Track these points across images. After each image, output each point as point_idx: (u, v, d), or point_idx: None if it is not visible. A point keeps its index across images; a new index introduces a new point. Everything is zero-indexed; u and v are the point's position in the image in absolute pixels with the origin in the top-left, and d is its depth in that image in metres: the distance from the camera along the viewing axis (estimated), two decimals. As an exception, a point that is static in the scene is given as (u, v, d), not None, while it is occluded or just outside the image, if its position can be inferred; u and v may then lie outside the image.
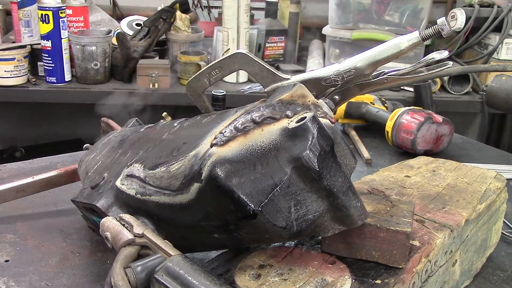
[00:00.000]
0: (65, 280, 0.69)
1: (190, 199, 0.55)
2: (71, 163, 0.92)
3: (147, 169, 0.62)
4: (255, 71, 0.69)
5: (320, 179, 0.52)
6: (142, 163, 0.64)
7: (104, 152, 0.78)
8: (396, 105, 1.47)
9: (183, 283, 0.49)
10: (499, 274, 0.77)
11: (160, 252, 0.54)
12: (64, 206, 0.89)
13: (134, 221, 0.58)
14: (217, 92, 1.17)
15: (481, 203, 0.72)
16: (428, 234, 0.62)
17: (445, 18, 0.64)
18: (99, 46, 2.02)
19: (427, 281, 0.61)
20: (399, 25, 2.31)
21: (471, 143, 1.40)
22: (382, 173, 0.81)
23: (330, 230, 0.55)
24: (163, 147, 0.65)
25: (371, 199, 0.65)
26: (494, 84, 1.40)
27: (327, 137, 0.53)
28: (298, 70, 2.28)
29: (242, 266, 0.57)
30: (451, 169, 0.83)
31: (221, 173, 0.52)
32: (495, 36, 2.22)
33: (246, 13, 2.09)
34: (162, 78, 2.05)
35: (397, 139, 1.22)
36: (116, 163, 0.72)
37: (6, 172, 1.03)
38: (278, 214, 0.52)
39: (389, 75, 0.68)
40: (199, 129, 0.62)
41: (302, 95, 0.60)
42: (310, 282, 0.54)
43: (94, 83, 2.08)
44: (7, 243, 0.77)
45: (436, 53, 0.66)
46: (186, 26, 2.25)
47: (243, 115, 0.57)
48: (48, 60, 2.00)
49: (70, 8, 2.07)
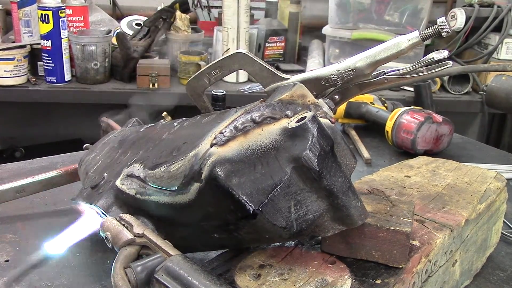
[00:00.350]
0: (65, 280, 0.69)
1: (190, 199, 0.55)
2: (71, 163, 0.92)
3: (147, 169, 0.62)
4: (255, 71, 0.69)
5: (320, 179, 0.52)
6: (142, 163, 0.64)
7: (104, 152, 0.78)
8: (396, 105, 1.47)
9: (183, 283, 0.49)
10: (499, 274, 0.77)
11: (160, 252, 0.54)
12: (64, 206, 0.89)
13: (134, 221, 0.58)
14: (217, 92, 1.17)
15: (481, 203, 0.72)
16: (428, 234, 0.62)
17: (445, 18, 0.64)
18: (99, 46, 2.02)
19: (427, 281, 0.61)
20: (399, 25, 2.31)
21: (471, 143, 1.40)
22: (382, 173, 0.81)
23: (330, 230, 0.55)
24: (163, 147, 0.65)
25: (371, 199, 0.65)
26: (494, 84, 1.40)
27: (327, 137, 0.53)
28: (298, 70, 2.28)
29: (242, 266, 0.57)
30: (451, 169, 0.83)
31: (221, 173, 0.52)
32: (495, 36, 2.22)
33: (246, 13, 2.09)
34: (162, 78, 2.05)
35: (397, 139, 1.22)
36: (116, 163, 0.72)
37: (6, 172, 1.03)
38: (278, 214, 0.52)
39: (389, 75, 0.68)
40: (199, 129, 0.62)
41: (302, 95, 0.60)
42: (310, 282, 0.54)
43: (94, 83, 2.08)
44: (7, 243, 0.77)
45: (436, 53, 0.66)
46: (186, 26, 2.25)
47: (243, 115, 0.57)
48: (48, 60, 2.00)
49: (70, 8, 2.07)
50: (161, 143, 0.67)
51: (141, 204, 0.62)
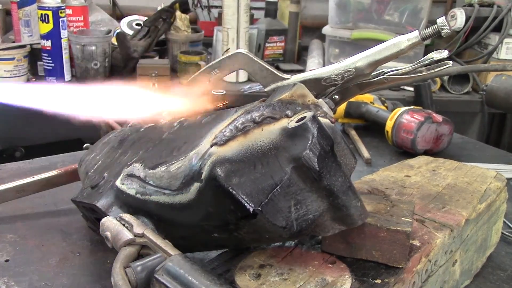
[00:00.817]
0: (65, 280, 0.69)
1: (190, 198, 0.55)
2: (71, 163, 0.92)
3: (147, 169, 0.62)
4: (255, 71, 0.69)
5: (320, 178, 0.52)
6: (142, 162, 0.64)
7: (104, 152, 0.78)
8: (396, 105, 1.47)
9: (183, 282, 0.49)
10: (499, 274, 0.77)
11: (160, 251, 0.54)
12: (64, 206, 0.89)
13: (134, 220, 0.58)
14: (217, 92, 1.17)
15: (481, 202, 0.72)
16: (428, 234, 0.62)
17: (445, 18, 0.64)
18: (99, 46, 2.02)
19: (427, 280, 0.61)
20: (399, 24, 2.31)
21: (471, 142, 1.40)
22: (382, 173, 0.81)
23: (330, 229, 0.55)
24: (163, 146, 0.65)
25: (371, 199, 0.65)
26: (494, 83, 1.40)
27: (327, 137, 0.53)
28: (298, 69, 2.28)
29: (242, 266, 0.57)
30: (451, 168, 0.83)
31: (221, 172, 0.52)
32: (495, 36, 2.22)
33: (246, 13, 2.09)
34: (162, 78, 2.05)
35: (397, 139, 1.22)
36: (116, 162, 0.72)
37: (6, 172, 1.03)
38: (278, 214, 0.52)
39: (389, 75, 0.68)
40: (199, 129, 0.62)
41: (302, 95, 0.60)
42: (310, 281, 0.54)
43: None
44: (7, 243, 0.77)
45: (436, 52, 0.66)
46: (186, 26, 2.25)
47: (243, 114, 0.57)
48: (47, 60, 2.00)
49: (70, 8, 2.07)
50: (161, 143, 0.67)
51: (141, 204, 0.62)
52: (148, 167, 0.62)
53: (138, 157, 0.67)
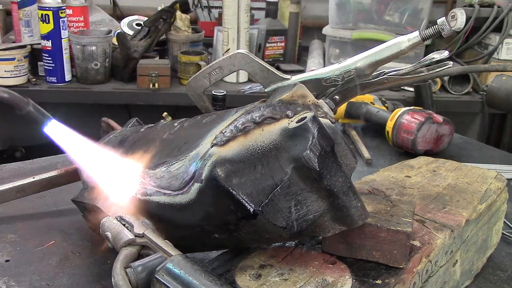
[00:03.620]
0: (65, 280, 0.69)
1: (190, 199, 0.55)
2: (71, 163, 0.92)
3: (147, 169, 0.62)
4: (255, 71, 0.69)
5: (320, 179, 0.52)
6: (142, 163, 0.64)
7: (104, 152, 0.78)
8: (396, 105, 1.47)
9: (183, 283, 0.49)
10: (500, 274, 0.77)
11: (161, 252, 0.54)
12: (64, 206, 0.89)
13: (135, 221, 0.58)
14: (217, 92, 1.17)
15: (481, 203, 0.71)
16: (429, 234, 0.62)
17: (445, 18, 0.64)
18: (99, 46, 2.02)
19: (428, 281, 0.61)
20: (399, 25, 2.31)
21: (471, 143, 1.40)
22: (382, 173, 0.81)
23: (330, 230, 0.55)
24: (164, 147, 0.65)
25: (372, 199, 0.65)
26: (494, 84, 1.40)
27: (327, 137, 0.53)
28: (298, 70, 2.28)
29: (242, 266, 0.57)
30: (451, 169, 0.83)
31: (222, 173, 0.52)
32: (495, 36, 2.22)
33: (246, 13, 2.09)
34: (162, 78, 2.05)
35: (397, 139, 1.22)
36: (116, 163, 0.72)
37: (6, 172, 1.03)
38: (279, 214, 0.52)
39: (389, 75, 0.68)
40: (199, 129, 0.62)
41: (302, 95, 0.60)
42: (310, 282, 0.54)
43: (94, 83, 2.08)
44: (8, 243, 0.77)
45: (436, 53, 0.66)
46: (186, 26, 2.25)
47: (244, 115, 0.57)
48: (48, 60, 2.00)
49: (70, 8, 2.07)
50: (161, 143, 0.67)
51: (141, 204, 0.62)
52: (148, 167, 0.62)
53: (138, 158, 0.67)
